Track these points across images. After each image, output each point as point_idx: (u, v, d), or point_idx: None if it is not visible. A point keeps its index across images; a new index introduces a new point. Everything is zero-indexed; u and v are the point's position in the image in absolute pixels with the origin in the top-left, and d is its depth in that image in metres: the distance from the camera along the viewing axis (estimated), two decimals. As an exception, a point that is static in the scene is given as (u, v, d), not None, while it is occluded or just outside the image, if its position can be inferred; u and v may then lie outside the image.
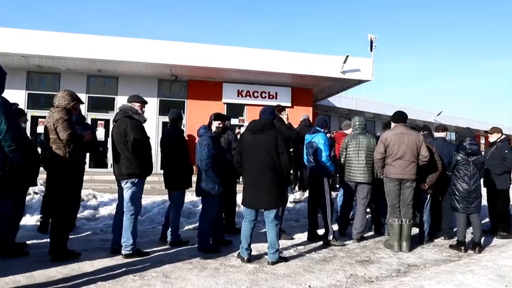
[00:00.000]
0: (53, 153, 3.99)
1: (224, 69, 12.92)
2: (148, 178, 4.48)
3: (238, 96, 14.58)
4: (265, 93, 14.77)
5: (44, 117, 7.73)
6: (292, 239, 5.38)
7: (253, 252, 4.40)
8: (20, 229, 4.59)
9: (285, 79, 14.09)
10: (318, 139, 5.19)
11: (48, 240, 4.21)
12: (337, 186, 7.02)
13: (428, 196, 5.36)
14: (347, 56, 12.63)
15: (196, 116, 13.17)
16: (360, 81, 14.04)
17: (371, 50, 12.84)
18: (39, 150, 4.72)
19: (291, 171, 7.01)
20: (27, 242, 4.60)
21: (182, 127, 5.49)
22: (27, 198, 5.57)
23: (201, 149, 4.43)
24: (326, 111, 20.46)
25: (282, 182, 4.21)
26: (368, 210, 5.76)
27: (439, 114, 26.17)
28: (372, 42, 12.72)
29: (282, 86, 14.80)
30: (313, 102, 16.63)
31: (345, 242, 5.23)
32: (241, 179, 5.14)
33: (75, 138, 4.02)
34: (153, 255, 4.40)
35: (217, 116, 4.78)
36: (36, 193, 6.02)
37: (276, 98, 14.65)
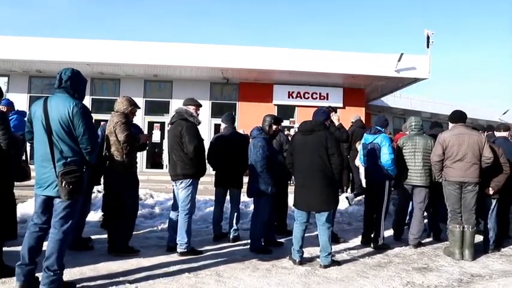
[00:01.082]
0: (112, 155, 4.24)
1: (275, 71, 12.99)
2: (201, 179, 4.61)
3: (288, 97, 14.58)
4: (316, 94, 14.62)
5: (105, 120, 8.23)
6: (345, 242, 5.27)
7: (305, 255, 4.37)
8: (85, 225, 4.94)
9: (336, 79, 13.86)
10: (381, 140, 4.96)
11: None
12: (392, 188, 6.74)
13: (494, 202, 4.98)
14: (401, 54, 12.16)
15: (248, 118, 13.33)
16: (415, 80, 13.45)
17: (428, 47, 12.26)
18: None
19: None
20: (92, 237, 4.92)
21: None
22: (92, 196, 5.95)
23: (255, 150, 4.49)
24: (379, 111, 19.79)
25: (333, 184, 4.15)
26: (425, 214, 5.49)
27: (504, 112, 24.22)
28: (428, 38, 12.14)
29: (333, 86, 14.57)
30: (366, 102, 16.18)
31: (402, 248, 5.03)
32: (293, 180, 5.16)
33: (132, 140, 4.23)
34: (206, 254, 4.52)
35: (276, 120, 4.85)
36: (99, 191, 6.43)
37: (327, 99, 14.46)
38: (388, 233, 5.47)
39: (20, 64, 13.15)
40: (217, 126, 13.40)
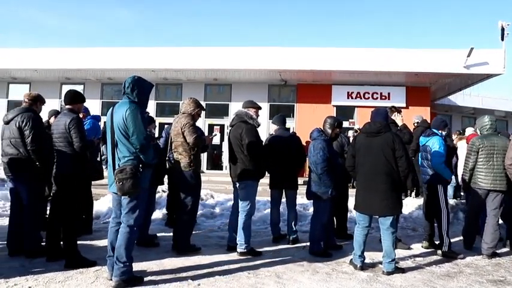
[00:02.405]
0: (179, 155, 4.39)
1: (333, 71, 12.77)
2: (260, 180, 4.65)
3: (348, 98, 14.25)
4: (377, 94, 14.13)
5: (169, 123, 8.60)
6: (410, 249, 5.01)
7: (367, 260, 4.23)
8: (151, 223, 5.21)
9: (398, 78, 13.28)
10: (433, 142, 4.77)
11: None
12: (462, 193, 6.31)
13: None
14: (471, 49, 11.31)
15: (306, 120, 13.25)
16: (488, 76, 12.45)
17: (502, 39, 11.27)
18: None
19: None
20: (157, 234, 5.18)
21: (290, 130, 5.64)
22: (157, 195, 6.27)
23: (315, 152, 4.44)
24: (446, 110, 18.62)
25: (398, 187, 3.98)
26: (501, 222, 5.05)
27: None
28: (503, 30, 11.15)
29: (395, 85, 13.97)
30: (431, 101, 15.29)
31: (474, 258, 4.68)
32: (353, 183, 5.04)
33: (200, 142, 4.37)
34: (265, 254, 4.54)
35: (339, 123, 4.81)
36: (164, 191, 6.74)
37: (388, 99, 13.90)
38: (459, 241, 5.12)
39: (93, 73, 14.28)
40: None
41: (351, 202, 4.52)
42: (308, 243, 4.74)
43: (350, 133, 6.74)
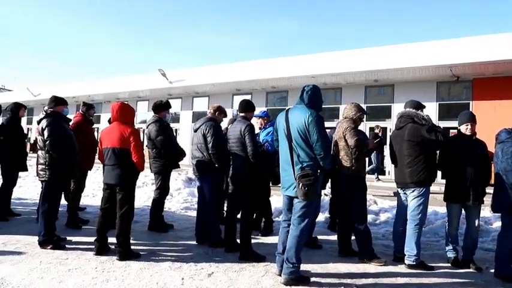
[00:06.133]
0: (341, 160, 4.36)
1: (523, 60, 10.70)
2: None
3: (546, 91, 11.70)
4: None
5: (329, 127, 8.69)
6: None
7: None
8: (315, 225, 5.32)
9: None
10: None
11: (335, 237, 4.73)
12: None
13: None
14: None
15: (485, 119, 11.43)
16: None
17: None
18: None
19: None
20: (320, 237, 5.26)
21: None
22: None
23: (505, 157, 3.80)
24: None
25: None
26: None
27: None
28: None
29: None
30: None
31: None
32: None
33: (362, 145, 4.28)
34: (437, 271, 4.11)
35: None
36: (326, 195, 6.83)
37: None
38: None
39: (259, 83, 15.62)
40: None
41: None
42: (490, 264, 4.08)
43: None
